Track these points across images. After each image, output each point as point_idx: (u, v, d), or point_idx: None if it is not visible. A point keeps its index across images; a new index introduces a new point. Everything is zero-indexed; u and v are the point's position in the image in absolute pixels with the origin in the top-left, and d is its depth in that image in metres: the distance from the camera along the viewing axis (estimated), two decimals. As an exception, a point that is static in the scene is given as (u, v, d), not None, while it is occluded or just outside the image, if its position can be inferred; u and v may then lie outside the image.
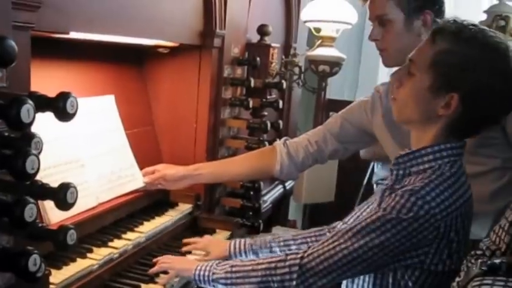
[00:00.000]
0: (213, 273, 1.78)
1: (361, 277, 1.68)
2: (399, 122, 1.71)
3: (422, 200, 1.49)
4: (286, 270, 1.63)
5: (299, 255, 1.64)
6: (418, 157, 1.59)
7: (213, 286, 1.80)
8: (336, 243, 1.59)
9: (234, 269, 1.76)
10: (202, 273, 1.81)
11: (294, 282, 1.62)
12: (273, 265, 1.67)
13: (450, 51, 1.50)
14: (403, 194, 1.51)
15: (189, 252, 2.18)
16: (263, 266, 1.69)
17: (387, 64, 2.19)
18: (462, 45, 1.49)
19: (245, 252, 2.08)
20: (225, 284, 1.76)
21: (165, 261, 1.94)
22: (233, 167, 2.44)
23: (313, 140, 2.35)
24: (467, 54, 1.48)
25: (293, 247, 2.05)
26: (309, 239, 2.06)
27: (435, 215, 1.49)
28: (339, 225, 1.99)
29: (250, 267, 1.72)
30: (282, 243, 2.07)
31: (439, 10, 2.07)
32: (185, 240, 2.21)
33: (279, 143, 2.42)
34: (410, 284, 1.57)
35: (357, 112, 2.30)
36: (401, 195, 1.51)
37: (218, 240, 2.27)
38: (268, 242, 2.08)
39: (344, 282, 1.76)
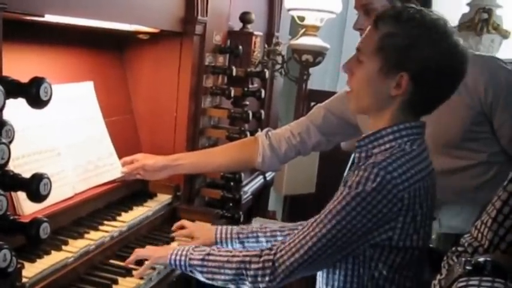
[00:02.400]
0: (190, 259, 1.76)
1: (332, 268, 1.67)
2: (358, 113, 1.78)
3: (384, 170, 1.52)
4: (260, 265, 1.63)
5: (272, 251, 1.64)
6: (379, 138, 1.62)
7: (190, 272, 1.78)
8: (305, 233, 1.60)
9: (210, 257, 1.74)
10: (178, 257, 1.78)
11: (267, 278, 1.62)
12: (247, 259, 1.66)
13: (393, 34, 1.55)
14: (366, 167, 1.54)
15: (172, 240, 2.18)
16: (238, 259, 1.68)
17: None
18: (403, 27, 1.54)
19: (231, 241, 2.06)
20: (201, 272, 1.74)
21: (141, 249, 1.90)
22: (214, 158, 2.40)
23: (296, 132, 2.32)
24: (409, 34, 1.53)
25: (279, 238, 2.03)
26: (295, 231, 2.03)
27: (397, 185, 1.51)
28: None
29: (225, 258, 1.71)
30: (268, 234, 2.05)
31: (425, 1, 2.03)
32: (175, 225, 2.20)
33: (261, 134, 2.37)
34: (380, 265, 1.60)
35: (340, 103, 2.26)
36: (364, 169, 1.54)
37: (205, 226, 2.23)
38: (255, 231, 2.07)
39: (318, 275, 1.75)
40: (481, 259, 1.22)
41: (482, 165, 2.01)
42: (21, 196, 1.71)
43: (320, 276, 1.74)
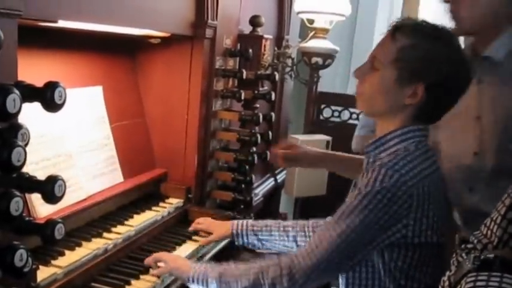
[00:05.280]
0: (208, 274, 1.78)
1: (352, 275, 1.70)
2: (369, 116, 1.83)
3: (392, 169, 1.58)
4: (278, 272, 1.65)
5: (289, 257, 1.67)
6: (385, 142, 1.69)
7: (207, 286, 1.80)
8: (321, 236, 1.63)
9: (227, 271, 1.75)
10: (196, 275, 1.79)
11: (285, 284, 1.64)
12: (265, 267, 1.69)
13: (412, 46, 1.61)
14: (374, 168, 1.61)
15: (196, 234, 2.26)
16: (255, 270, 1.70)
17: None
18: (421, 39, 1.61)
19: (247, 234, 2.14)
20: (219, 282, 1.75)
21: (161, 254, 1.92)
22: None
23: None
24: (427, 47, 1.60)
25: (291, 233, 2.10)
26: (306, 228, 2.11)
27: (406, 182, 1.57)
28: None
29: (243, 268, 1.73)
30: (281, 228, 2.12)
31: None
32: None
33: None
34: (399, 263, 1.63)
35: None
36: (373, 170, 1.60)
37: (220, 222, 2.28)
38: (269, 225, 2.14)
39: (340, 277, 1.76)
40: (490, 255, 1.24)
41: None
42: (35, 199, 1.74)
43: (341, 283, 1.76)
